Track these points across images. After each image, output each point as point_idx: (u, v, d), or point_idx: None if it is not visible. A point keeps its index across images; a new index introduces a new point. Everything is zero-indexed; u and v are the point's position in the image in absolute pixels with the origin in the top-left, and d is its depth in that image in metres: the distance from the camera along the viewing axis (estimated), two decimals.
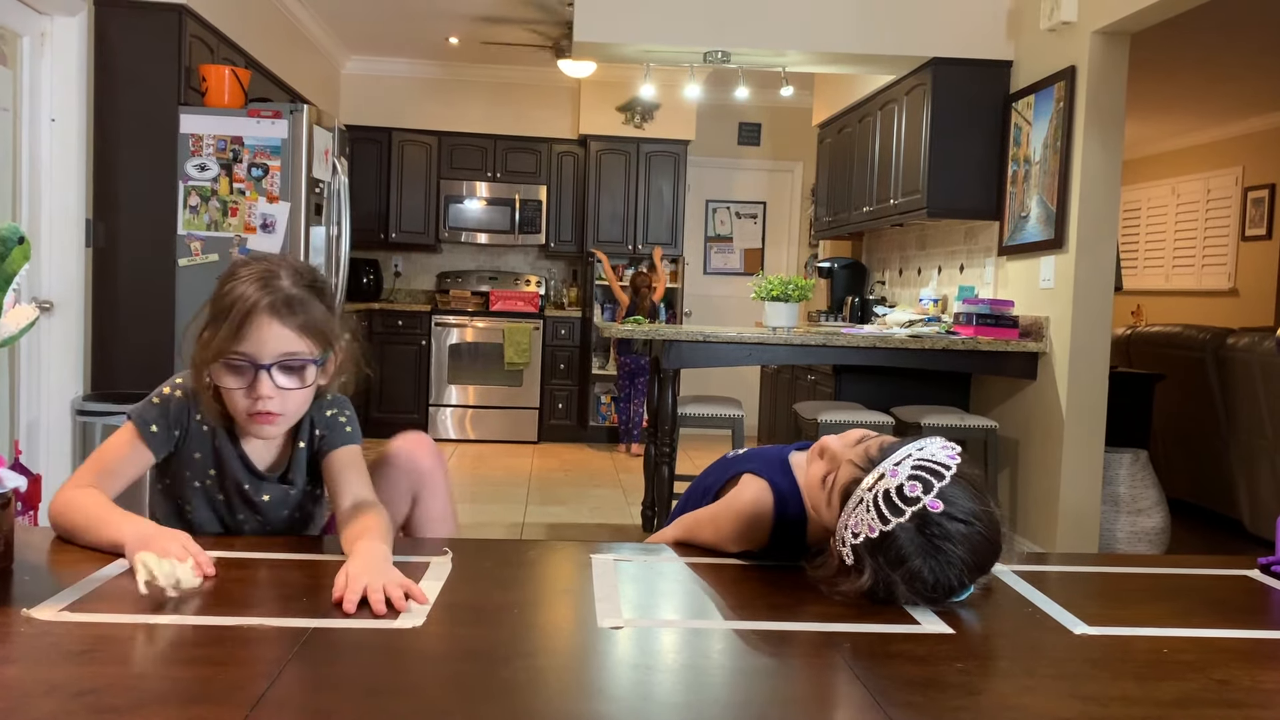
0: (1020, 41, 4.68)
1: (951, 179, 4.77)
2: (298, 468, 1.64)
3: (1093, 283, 4.17)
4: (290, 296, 1.49)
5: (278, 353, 1.48)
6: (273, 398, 1.49)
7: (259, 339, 1.47)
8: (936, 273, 5.51)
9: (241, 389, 1.49)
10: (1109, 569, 1.65)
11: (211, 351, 1.48)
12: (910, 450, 1.28)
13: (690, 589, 1.36)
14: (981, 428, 4.37)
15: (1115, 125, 4.15)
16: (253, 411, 1.49)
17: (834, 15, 4.76)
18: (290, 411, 1.53)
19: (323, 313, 1.53)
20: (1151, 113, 7.07)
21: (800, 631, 1.18)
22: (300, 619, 1.13)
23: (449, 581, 1.30)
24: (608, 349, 7.42)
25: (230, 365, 1.48)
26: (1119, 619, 1.28)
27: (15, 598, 1.18)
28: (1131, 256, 8.34)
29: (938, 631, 1.19)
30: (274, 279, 1.49)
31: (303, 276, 1.53)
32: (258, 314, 1.46)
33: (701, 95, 6.33)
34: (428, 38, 6.77)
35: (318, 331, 1.52)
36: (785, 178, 8.20)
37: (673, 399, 4.33)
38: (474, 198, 7.57)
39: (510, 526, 4.78)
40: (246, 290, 1.48)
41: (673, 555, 1.50)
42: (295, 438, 1.64)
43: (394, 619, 1.15)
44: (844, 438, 1.40)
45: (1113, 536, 4.27)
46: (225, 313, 1.47)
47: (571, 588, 1.37)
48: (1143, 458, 4.39)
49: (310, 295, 1.52)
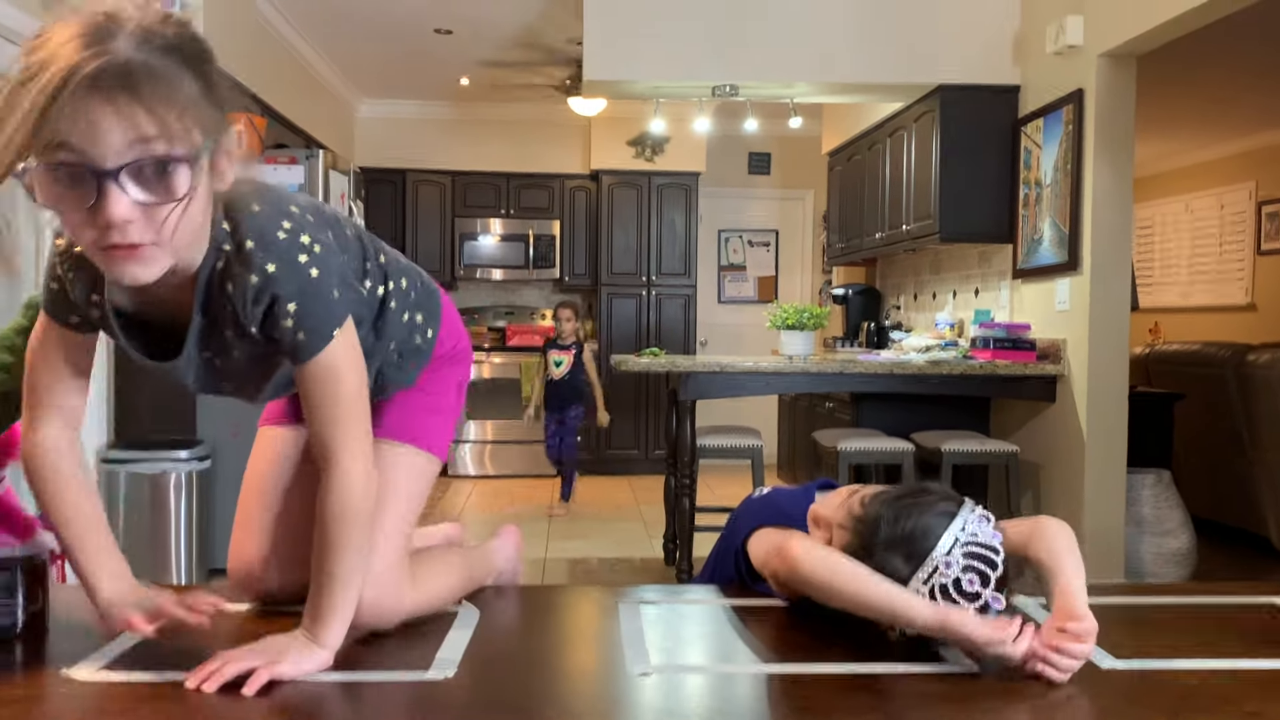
0: (1027, 66, 4.71)
1: (963, 203, 4.79)
2: (204, 329, 1.14)
3: (1109, 304, 4.17)
4: (130, 62, 0.94)
5: (120, 148, 0.95)
6: (131, 220, 0.98)
7: (85, 131, 0.93)
8: (952, 297, 5.51)
9: (81, 213, 0.97)
10: (1134, 599, 1.65)
11: (4, 153, 0.93)
12: (955, 534, 1.26)
13: (715, 631, 1.37)
14: (1002, 452, 4.36)
15: (1125, 146, 4.16)
16: (104, 245, 0.99)
17: (840, 46, 4.80)
18: (166, 237, 1.01)
19: (195, 84, 0.99)
20: (1162, 130, 7.08)
21: (829, 675, 1.18)
22: (332, 674, 1.14)
23: (477, 631, 1.32)
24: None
25: (54, 171, 0.95)
26: (1147, 651, 1.28)
27: (53, 657, 1.19)
28: (1147, 273, 8.32)
29: (967, 671, 1.20)
30: (107, 37, 0.94)
31: (157, 35, 0.97)
32: (74, 88, 0.92)
33: (711, 128, 6.37)
34: (439, 80, 6.86)
35: (182, 115, 0.98)
36: (796, 205, 8.24)
37: (691, 430, 4.33)
38: (488, 235, 7.63)
39: (533, 562, 4.78)
40: (61, 52, 0.93)
41: (696, 596, 1.50)
42: (196, 275, 1.11)
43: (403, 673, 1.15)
44: (830, 500, 1.41)
45: (1138, 559, 4.24)
46: (15, 92, 0.93)
47: (598, 633, 1.37)
48: (1165, 478, 4.36)
49: (170, 60, 0.97)
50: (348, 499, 1.15)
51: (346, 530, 1.15)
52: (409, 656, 1.21)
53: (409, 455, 1.39)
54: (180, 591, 1.22)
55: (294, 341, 1.13)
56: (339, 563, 1.15)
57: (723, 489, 6.35)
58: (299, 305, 1.11)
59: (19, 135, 0.92)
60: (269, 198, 1.14)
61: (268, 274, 1.10)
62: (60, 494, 1.18)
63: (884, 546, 1.27)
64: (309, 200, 1.21)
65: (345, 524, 1.15)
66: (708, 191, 7.84)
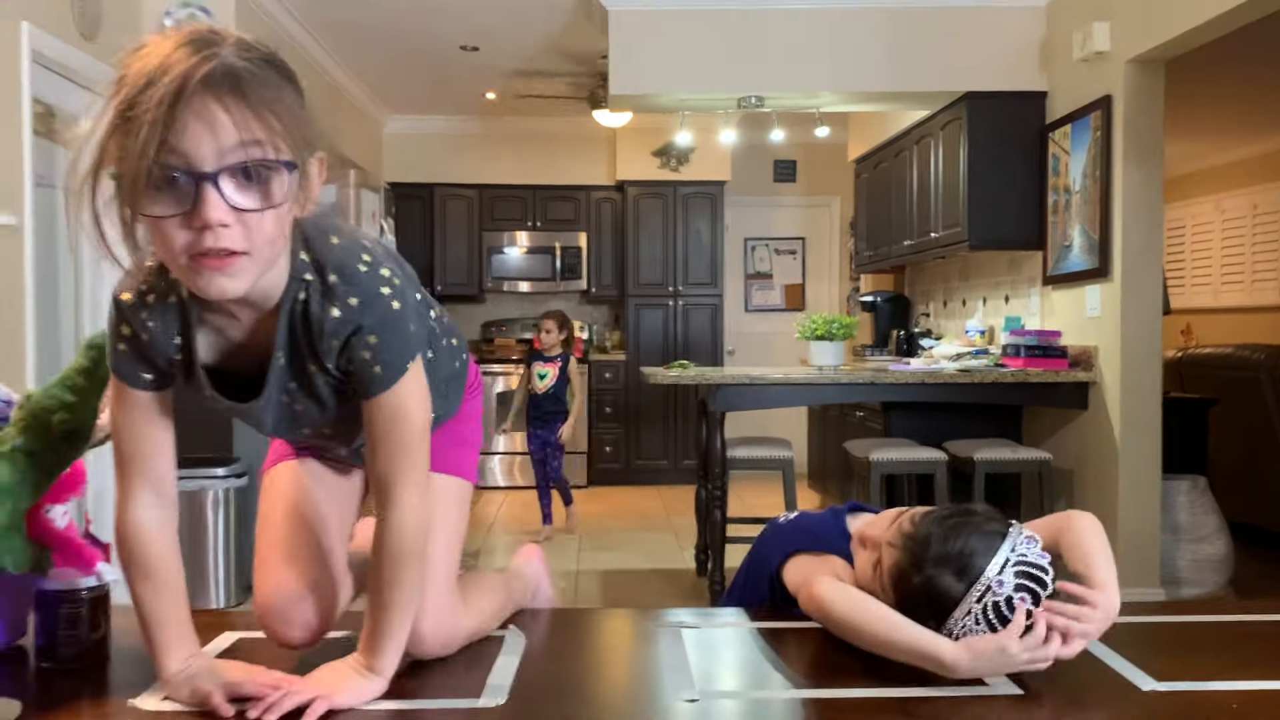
0: (1054, 72, 4.70)
1: (992, 211, 4.78)
2: (287, 366, 1.14)
3: (1140, 310, 4.15)
4: (236, 67, 0.96)
5: (225, 150, 0.96)
6: (228, 224, 0.97)
7: (195, 133, 0.94)
8: (981, 304, 5.50)
9: (176, 216, 0.97)
10: (1172, 618, 1.65)
11: (131, 167, 0.93)
12: (1005, 553, 1.28)
13: (754, 655, 1.39)
14: (1035, 460, 4.35)
15: (1154, 152, 4.14)
16: (196, 251, 0.98)
17: (865, 55, 4.81)
18: (257, 246, 1.01)
19: (294, 96, 1.02)
20: (1191, 131, 7.02)
21: (872, 699, 1.20)
22: (386, 702, 1.17)
23: (524, 656, 1.34)
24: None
25: (154, 181, 0.95)
26: (1186, 673, 1.28)
27: (117, 686, 1.23)
28: (1178, 275, 8.25)
29: (1007, 694, 1.21)
30: (212, 45, 0.97)
31: (255, 47, 1.00)
32: (191, 92, 0.93)
33: (736, 139, 6.39)
34: (466, 95, 6.93)
35: (286, 123, 1.00)
36: (823, 213, 8.24)
37: (721, 442, 4.35)
38: (515, 247, 7.69)
39: (565, 575, 4.81)
40: (170, 60, 0.94)
41: (731, 619, 1.52)
42: (277, 309, 1.11)
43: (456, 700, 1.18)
44: (877, 522, 1.43)
45: (1174, 566, 4.22)
46: (134, 101, 0.93)
47: (641, 658, 1.40)
48: (1201, 484, 4.34)
49: (270, 70, 1.00)
50: (406, 534, 1.18)
51: (404, 563, 1.18)
52: (460, 683, 1.24)
53: (453, 485, 1.41)
54: (239, 660, 1.22)
55: (369, 375, 1.14)
56: (396, 594, 1.18)
57: (754, 499, 6.36)
58: (379, 338, 1.12)
59: (150, 143, 0.92)
60: (344, 230, 1.15)
61: (350, 307, 1.11)
62: (147, 580, 1.18)
63: (934, 563, 1.29)
64: (367, 233, 1.23)
65: (403, 557, 1.18)
66: (733, 200, 7.86)
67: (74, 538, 1.29)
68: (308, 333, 1.12)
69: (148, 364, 1.13)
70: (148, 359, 1.13)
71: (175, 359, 1.13)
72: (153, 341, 1.12)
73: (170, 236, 0.98)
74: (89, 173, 0.97)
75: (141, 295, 1.10)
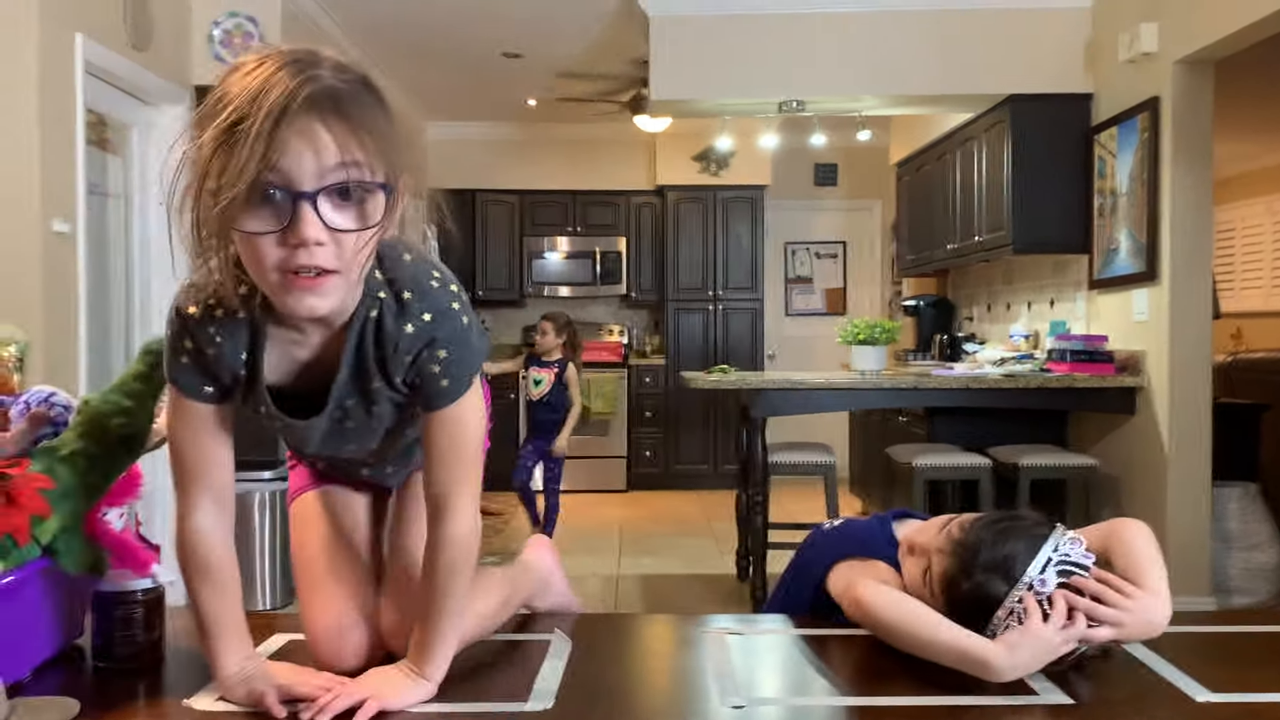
0: (1099, 74, 4.64)
1: (1036, 214, 4.73)
2: (349, 382, 1.14)
3: (1189, 314, 4.09)
4: (337, 88, 0.98)
5: (325, 170, 0.97)
6: (323, 243, 0.98)
7: (296, 152, 0.96)
8: (1026, 308, 5.44)
9: (274, 235, 0.98)
10: (1225, 628, 1.63)
11: (233, 183, 0.94)
12: (1047, 552, 1.29)
13: (798, 662, 1.38)
14: (1081, 466, 4.29)
15: (1203, 154, 4.07)
16: (290, 268, 0.99)
17: (908, 58, 4.78)
18: (348, 265, 1.02)
19: (387, 119, 1.02)
20: (1242, 132, 6.90)
21: (918, 707, 1.19)
22: (435, 704, 1.18)
23: (570, 661, 1.35)
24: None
25: (252, 200, 0.96)
26: (1241, 683, 1.26)
27: (171, 686, 1.26)
28: (1228, 278, 8.10)
29: (1058, 702, 1.20)
30: (313, 65, 0.98)
31: (351, 69, 1.02)
32: (295, 112, 0.95)
33: (777, 143, 6.38)
34: (507, 101, 6.97)
35: (382, 145, 1.00)
36: (864, 216, 8.19)
37: (763, 447, 4.33)
38: (555, 252, 7.73)
39: (605, 579, 4.82)
40: (273, 80, 0.95)
41: (774, 626, 1.52)
42: (346, 327, 1.12)
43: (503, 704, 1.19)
44: (926, 529, 1.43)
45: (1225, 575, 4.14)
46: (237, 120, 0.94)
47: (685, 664, 1.40)
48: (1252, 491, 4.26)
49: (367, 93, 1.01)
50: (461, 545, 1.19)
51: (459, 574, 1.19)
52: (507, 687, 1.25)
53: None
54: (292, 664, 1.25)
55: (436, 388, 1.15)
56: (449, 603, 1.19)
57: (795, 505, 6.32)
58: (449, 352, 1.14)
59: (252, 163, 0.94)
60: (413, 247, 1.16)
61: (425, 322, 1.12)
62: (206, 584, 1.19)
63: (983, 569, 1.30)
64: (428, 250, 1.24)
65: (458, 568, 1.19)
66: (773, 204, 7.84)
67: (130, 540, 1.32)
68: (379, 349, 1.12)
69: (210, 378, 1.13)
70: (211, 373, 1.13)
71: (240, 374, 1.13)
72: (219, 357, 1.12)
73: (264, 253, 0.99)
74: (189, 189, 0.98)
75: (209, 309, 1.10)
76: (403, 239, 1.13)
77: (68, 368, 3.49)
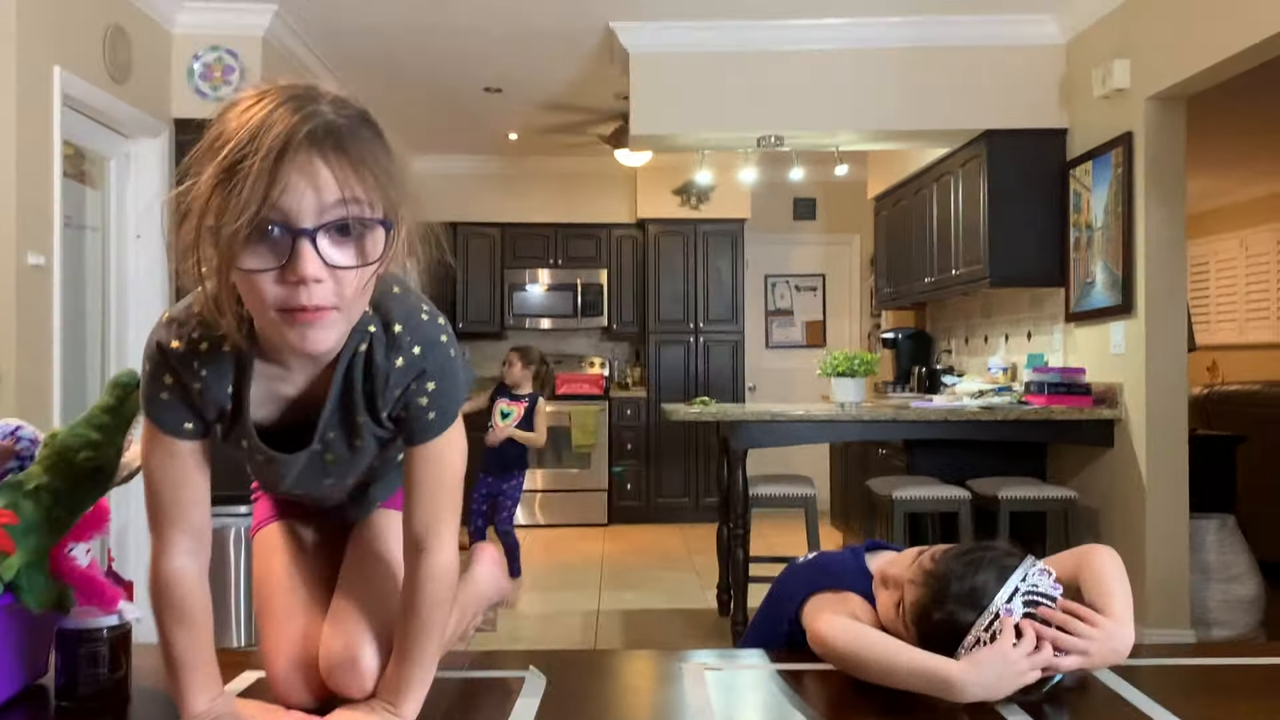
0: (1074, 109, 4.70)
1: (1013, 248, 4.77)
2: (334, 414, 1.13)
3: (1165, 347, 4.12)
4: (337, 124, 0.97)
5: (325, 207, 0.96)
6: (322, 280, 0.97)
7: (297, 188, 0.94)
8: (1004, 340, 5.47)
9: (272, 272, 0.96)
10: (1202, 660, 1.62)
11: (233, 221, 0.93)
12: (1014, 582, 1.30)
13: (776, 698, 1.37)
14: (1060, 498, 4.30)
15: (1176, 188, 4.13)
16: (288, 306, 0.98)
17: (884, 94, 4.83)
18: (348, 302, 1.00)
19: (386, 155, 1.02)
20: (1214, 167, 7.00)
21: None
22: None
23: (544, 699, 1.33)
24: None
25: (251, 237, 0.95)
26: (1221, 717, 1.26)
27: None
28: (1203, 311, 8.19)
29: None
30: (312, 101, 0.97)
31: (350, 104, 1.01)
32: (295, 149, 0.94)
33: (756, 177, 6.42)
34: (488, 136, 7.00)
35: (382, 181, 1.00)
36: (843, 249, 8.25)
37: (743, 480, 4.33)
38: (537, 284, 7.74)
39: (586, 614, 4.78)
40: (273, 116, 0.94)
41: (755, 661, 1.51)
42: (334, 361, 1.10)
43: None
44: (899, 561, 1.43)
45: (1204, 607, 4.14)
46: (238, 157, 0.93)
47: (665, 702, 1.38)
48: (1230, 523, 4.27)
49: (365, 128, 1.01)
50: (439, 583, 1.17)
51: (439, 609, 1.17)
52: None
53: None
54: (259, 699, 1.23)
55: (423, 421, 1.14)
56: (426, 639, 1.17)
57: (776, 537, 6.32)
58: (438, 385, 1.13)
59: (253, 201, 0.92)
60: (400, 281, 1.15)
61: (414, 356, 1.12)
62: (179, 624, 1.15)
63: (954, 599, 1.30)
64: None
65: (435, 606, 1.17)
66: (754, 237, 7.88)
67: (96, 576, 1.29)
68: (368, 382, 1.12)
69: (194, 414, 1.11)
70: (194, 409, 1.10)
71: (226, 409, 1.11)
72: (204, 391, 1.09)
73: (263, 290, 0.97)
74: (192, 228, 0.97)
75: (193, 344, 1.08)
76: (392, 273, 1.11)
77: (41, 401, 3.46)
